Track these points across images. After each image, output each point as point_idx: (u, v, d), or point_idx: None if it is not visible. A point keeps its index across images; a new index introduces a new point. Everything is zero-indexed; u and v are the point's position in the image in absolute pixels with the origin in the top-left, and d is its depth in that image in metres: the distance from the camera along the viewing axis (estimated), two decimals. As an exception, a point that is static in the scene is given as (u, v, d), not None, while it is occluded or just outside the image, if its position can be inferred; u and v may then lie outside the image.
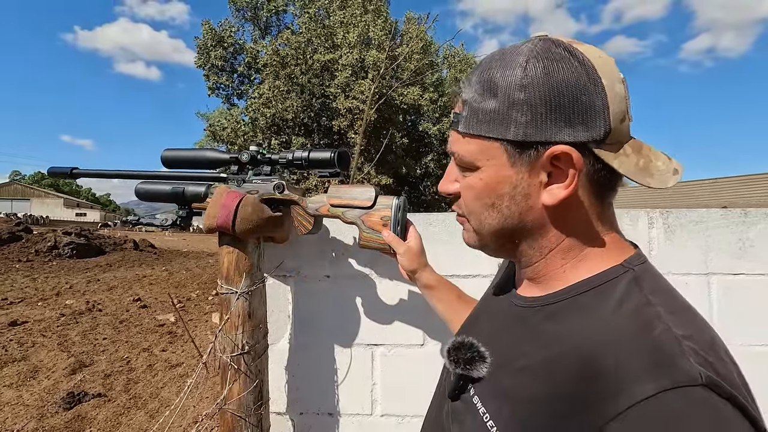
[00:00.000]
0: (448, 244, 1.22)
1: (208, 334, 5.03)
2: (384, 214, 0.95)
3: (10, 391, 3.53)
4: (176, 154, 1.11)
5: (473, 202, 0.56)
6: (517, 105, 0.48)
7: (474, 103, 0.51)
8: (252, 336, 1.04)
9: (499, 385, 0.52)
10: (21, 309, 6.13)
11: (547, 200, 0.50)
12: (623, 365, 0.41)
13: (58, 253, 11.58)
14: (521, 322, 0.55)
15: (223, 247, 1.04)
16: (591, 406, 0.41)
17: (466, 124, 0.52)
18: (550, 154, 0.48)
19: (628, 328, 0.44)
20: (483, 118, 0.51)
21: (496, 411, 0.50)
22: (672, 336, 0.42)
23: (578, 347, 0.45)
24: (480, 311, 0.70)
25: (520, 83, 0.48)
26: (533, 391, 0.47)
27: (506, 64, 0.50)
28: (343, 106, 11.49)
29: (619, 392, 0.40)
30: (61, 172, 1.17)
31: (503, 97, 0.49)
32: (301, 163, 1.01)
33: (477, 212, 0.56)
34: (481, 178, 0.53)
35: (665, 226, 1.18)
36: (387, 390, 1.23)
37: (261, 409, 1.05)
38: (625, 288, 0.49)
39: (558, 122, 0.47)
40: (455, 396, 0.56)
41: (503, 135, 0.50)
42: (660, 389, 0.38)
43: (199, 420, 2.96)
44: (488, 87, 0.50)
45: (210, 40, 13.27)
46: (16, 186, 63.27)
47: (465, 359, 0.55)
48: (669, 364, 0.40)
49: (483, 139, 0.51)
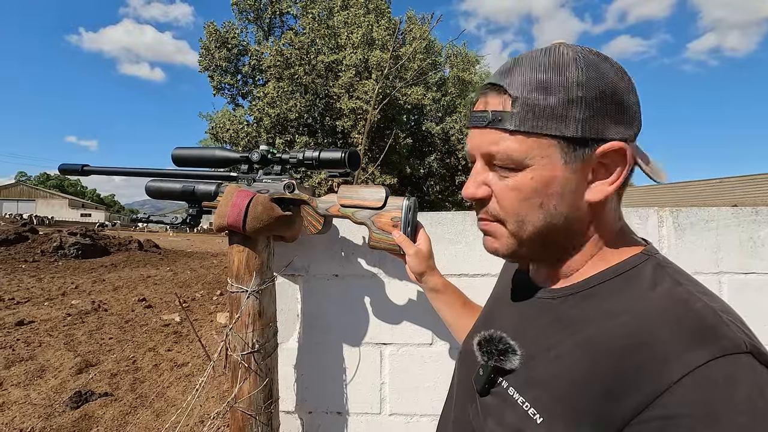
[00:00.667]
0: (456, 243, 1.22)
1: (213, 334, 5.05)
2: (394, 215, 0.95)
3: (17, 390, 3.55)
4: (186, 153, 1.12)
5: (518, 203, 0.53)
6: (575, 102, 0.49)
7: (529, 101, 0.50)
8: (262, 334, 1.04)
9: (534, 374, 0.52)
10: (28, 309, 6.17)
11: (593, 197, 0.52)
12: (670, 338, 0.43)
13: (63, 253, 11.65)
14: (549, 312, 0.56)
15: (233, 245, 1.04)
16: (642, 380, 0.42)
17: (520, 122, 0.50)
18: (604, 150, 0.50)
19: (667, 305, 0.47)
20: (540, 115, 0.50)
21: (536, 399, 0.49)
22: (712, 309, 0.45)
23: (619, 326, 0.47)
24: (493, 309, 0.70)
25: (578, 81, 0.49)
26: (575, 374, 0.47)
27: (558, 64, 0.50)
28: (347, 106, 11.50)
29: (670, 363, 0.41)
30: (73, 169, 1.17)
31: (562, 94, 0.49)
32: (312, 162, 1.01)
33: (520, 214, 0.54)
34: (532, 177, 0.51)
35: (675, 224, 1.18)
36: (395, 389, 1.23)
37: (271, 408, 1.05)
38: (653, 272, 0.51)
39: (609, 120, 0.50)
40: (485, 391, 0.56)
41: (562, 132, 0.49)
42: (712, 357, 0.41)
43: (205, 419, 2.96)
44: (543, 85, 0.50)
45: (214, 42, 13.31)
46: (21, 187, 63.68)
47: (498, 351, 0.55)
48: (716, 334, 0.43)
49: (538, 136, 0.50)
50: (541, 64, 0.51)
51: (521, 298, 0.63)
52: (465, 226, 1.22)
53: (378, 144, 11.72)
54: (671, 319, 0.45)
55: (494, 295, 0.75)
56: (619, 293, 0.51)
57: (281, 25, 14.74)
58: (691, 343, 0.42)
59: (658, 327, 0.45)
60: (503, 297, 0.69)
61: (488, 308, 0.73)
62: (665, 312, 0.46)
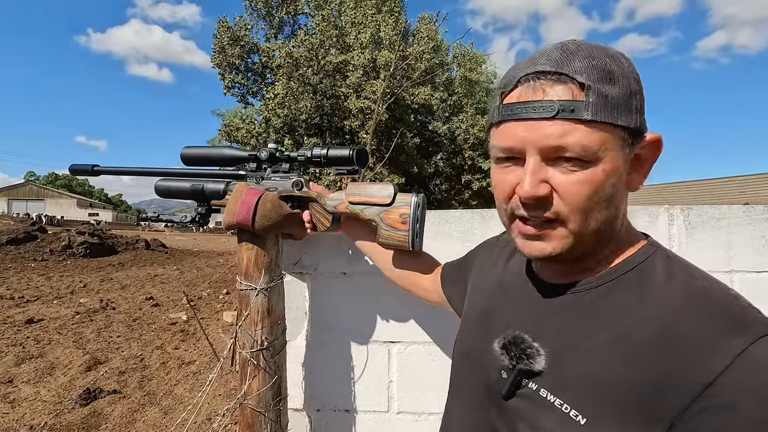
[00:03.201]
0: (464, 242, 1.22)
1: (220, 332, 5.08)
2: (403, 212, 0.95)
3: (28, 387, 3.60)
4: (195, 152, 1.12)
5: (588, 198, 0.50)
6: (635, 94, 0.50)
7: (601, 90, 0.48)
8: (271, 332, 1.04)
9: (566, 373, 0.51)
10: (37, 307, 6.24)
11: (632, 187, 0.54)
12: (706, 328, 0.45)
13: (72, 252, 11.77)
14: (568, 309, 0.55)
15: (242, 243, 1.05)
16: (689, 369, 0.43)
17: (596, 111, 0.47)
18: (648, 141, 0.52)
19: (691, 296, 0.48)
20: (611, 105, 0.48)
21: (575, 399, 0.48)
22: (732, 297, 0.48)
23: (649, 320, 0.48)
24: (493, 306, 0.68)
25: (634, 73, 0.51)
26: (615, 370, 0.47)
27: (611, 55, 0.50)
28: (355, 106, 11.51)
29: (711, 353, 0.43)
30: (83, 169, 1.19)
31: (624, 85, 0.49)
32: (320, 160, 1.02)
33: (589, 209, 0.50)
34: (604, 169, 0.49)
35: (686, 223, 1.17)
36: (403, 387, 1.23)
37: (280, 405, 1.06)
38: (665, 264, 0.53)
39: (643, 113, 0.52)
40: (511, 394, 0.54)
41: (628, 122, 0.49)
42: (750, 341, 0.43)
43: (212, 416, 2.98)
44: (606, 74, 0.48)
45: (227, 38, 13.34)
46: (31, 186, 64.41)
47: (527, 354, 0.54)
48: (747, 320, 0.45)
49: (610, 127, 0.48)
50: (597, 53, 0.49)
51: (530, 294, 0.62)
52: (473, 225, 1.22)
53: (386, 144, 11.72)
54: (701, 311, 0.46)
55: (486, 289, 0.72)
56: (638, 286, 0.52)
57: (292, 23, 14.76)
58: (726, 331, 0.44)
59: (689, 320, 0.46)
60: (503, 292, 0.67)
61: (485, 304, 0.70)
62: (692, 304, 0.47)
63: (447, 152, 14.60)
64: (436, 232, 1.22)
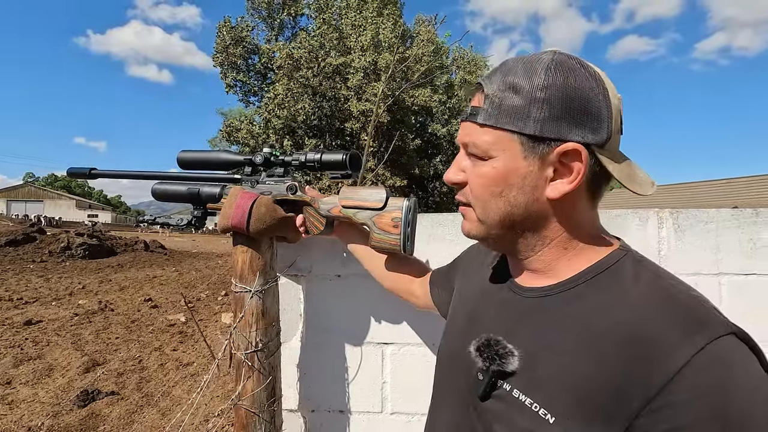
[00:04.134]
0: (456, 244, 1.23)
1: (218, 334, 5.09)
2: (395, 216, 0.96)
3: (26, 389, 3.60)
4: (192, 156, 1.14)
5: (482, 190, 0.59)
6: (537, 103, 0.53)
7: (496, 99, 0.55)
8: (265, 334, 1.06)
9: (538, 374, 0.53)
10: (35, 308, 6.24)
11: (551, 194, 0.55)
12: (666, 329, 0.47)
13: (71, 253, 11.78)
14: (539, 312, 0.57)
15: (237, 246, 1.06)
16: (648, 370, 0.45)
17: (487, 116, 0.56)
18: (561, 150, 0.53)
19: (655, 298, 0.50)
20: (504, 112, 0.54)
21: (545, 399, 0.50)
22: (695, 299, 0.50)
23: (617, 321, 0.50)
24: (476, 309, 0.70)
25: (542, 85, 0.53)
26: (582, 370, 0.49)
27: (529, 69, 0.54)
28: (356, 108, 11.53)
29: (671, 352, 0.45)
30: (80, 173, 1.20)
31: (526, 95, 0.53)
32: (314, 165, 1.03)
33: (484, 200, 0.59)
34: (494, 167, 0.56)
35: (675, 226, 1.18)
36: (397, 388, 1.24)
37: (274, 406, 1.07)
38: (633, 267, 0.55)
39: (570, 123, 0.53)
40: (487, 395, 0.56)
41: (521, 129, 0.54)
42: (707, 341, 0.45)
43: (210, 418, 2.98)
44: (512, 86, 0.55)
45: (229, 38, 13.37)
46: (29, 188, 64.36)
47: (499, 355, 0.56)
48: (705, 321, 0.47)
49: (501, 130, 0.55)
50: (517, 68, 0.56)
51: (505, 298, 0.64)
52: (466, 228, 1.23)
53: (386, 146, 11.75)
54: (663, 313, 0.48)
55: (470, 294, 0.75)
56: (607, 289, 0.54)
57: (293, 26, 14.80)
58: (686, 332, 0.46)
59: (652, 321, 0.48)
60: (483, 297, 0.70)
61: (470, 306, 0.72)
62: (655, 306, 0.49)
63: (446, 155, 14.63)
64: (429, 236, 1.24)
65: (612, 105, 0.54)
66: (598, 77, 0.54)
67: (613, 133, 0.54)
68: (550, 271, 0.59)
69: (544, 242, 0.59)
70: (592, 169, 0.54)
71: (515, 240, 0.60)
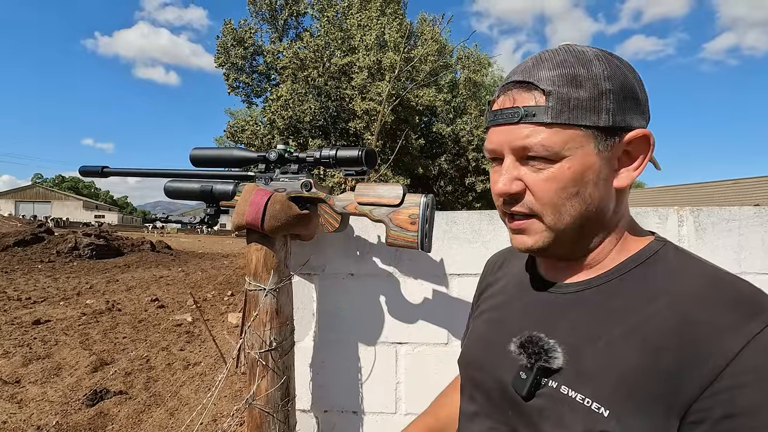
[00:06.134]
0: (472, 243, 1.21)
1: (225, 334, 5.09)
2: (412, 212, 0.95)
3: (35, 388, 3.62)
4: (204, 153, 1.13)
5: (556, 194, 0.54)
6: (606, 94, 0.52)
7: (562, 95, 0.52)
8: (279, 333, 1.04)
9: (584, 368, 0.51)
10: (44, 308, 6.28)
11: (620, 183, 0.55)
12: (720, 311, 0.46)
13: (78, 253, 11.85)
14: (580, 305, 0.56)
15: (251, 244, 1.05)
16: (702, 356, 0.44)
17: (554, 115, 0.52)
18: (630, 138, 0.53)
19: (704, 283, 0.49)
20: (574, 107, 0.52)
21: (595, 393, 0.49)
22: (745, 283, 0.49)
23: (664, 307, 0.49)
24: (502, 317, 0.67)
25: (606, 75, 0.52)
26: (632, 361, 0.48)
27: (583, 60, 0.53)
28: (360, 108, 11.53)
29: (727, 336, 0.44)
30: (93, 171, 1.19)
31: (592, 87, 0.52)
32: (329, 161, 1.02)
33: (558, 204, 0.54)
34: (569, 166, 0.53)
35: (696, 224, 1.16)
36: (411, 389, 1.23)
37: (288, 406, 1.06)
38: (676, 255, 0.55)
39: (631, 110, 0.53)
40: (531, 394, 0.54)
41: (595, 122, 0.52)
42: (765, 324, 0.44)
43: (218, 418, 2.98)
44: (572, 79, 0.52)
45: (231, 39, 13.44)
46: (38, 189, 64.94)
47: (545, 350, 0.54)
48: (760, 304, 0.46)
49: (573, 127, 0.52)
50: (567, 61, 0.54)
51: (539, 297, 0.62)
52: (481, 226, 1.21)
53: (391, 145, 11.74)
54: (714, 296, 0.47)
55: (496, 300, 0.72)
56: (651, 277, 0.53)
57: (296, 26, 14.84)
58: (741, 315, 0.45)
59: (703, 305, 0.47)
60: (513, 300, 0.67)
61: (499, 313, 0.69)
62: (705, 290, 0.48)
63: (451, 154, 14.60)
64: (444, 233, 1.22)
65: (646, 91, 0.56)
66: (628, 65, 0.56)
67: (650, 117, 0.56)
68: (597, 263, 0.58)
69: (604, 236, 0.58)
70: None
71: (581, 241, 0.58)
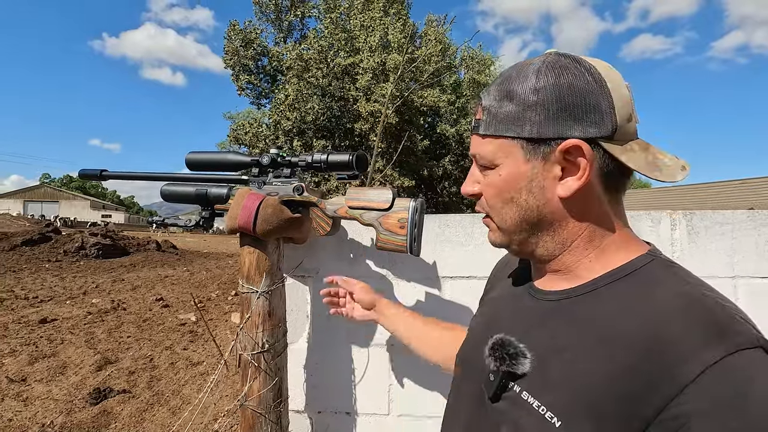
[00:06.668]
0: (464, 245, 1.22)
1: (228, 333, 5.12)
2: (401, 216, 0.96)
3: (40, 386, 3.66)
4: (200, 157, 1.15)
5: (494, 198, 0.60)
6: (531, 106, 0.54)
7: (493, 109, 0.57)
8: (272, 334, 1.06)
9: (548, 376, 0.52)
10: (50, 307, 6.35)
11: (561, 192, 0.55)
12: (686, 336, 0.45)
13: (85, 253, 11.96)
14: (558, 314, 0.56)
15: (244, 247, 1.06)
16: (662, 378, 0.43)
17: (486, 127, 0.58)
18: (562, 148, 0.53)
19: (679, 304, 0.48)
20: (501, 120, 0.56)
21: (552, 402, 0.49)
22: (722, 307, 0.47)
23: (634, 326, 0.48)
24: (497, 313, 0.70)
25: (534, 87, 0.54)
26: (592, 376, 0.48)
27: (521, 74, 0.56)
28: (365, 109, 11.53)
29: (687, 361, 0.43)
30: (92, 174, 1.21)
31: (518, 100, 0.55)
32: (320, 165, 1.03)
33: (498, 208, 0.60)
34: (500, 174, 0.58)
35: (689, 227, 1.16)
36: (404, 390, 1.24)
37: (280, 407, 1.07)
38: (661, 272, 0.53)
39: (568, 120, 0.53)
40: (497, 397, 0.56)
41: (519, 133, 0.55)
42: (727, 352, 0.42)
43: (219, 417, 3.00)
44: (506, 94, 0.56)
45: (239, 40, 13.51)
46: (46, 188, 65.60)
47: (510, 355, 0.55)
48: (729, 331, 0.44)
49: (501, 138, 0.57)
50: (511, 77, 0.57)
51: (525, 301, 0.63)
52: (474, 229, 1.22)
53: (395, 146, 11.74)
54: (685, 318, 0.46)
55: (492, 299, 0.75)
56: (629, 293, 0.52)
57: (301, 27, 14.89)
58: (706, 340, 0.44)
59: (672, 326, 0.46)
60: (504, 301, 0.69)
61: (490, 312, 0.72)
62: (678, 311, 0.47)
63: (455, 155, 14.58)
64: (437, 236, 1.23)
65: (614, 95, 0.52)
66: (594, 70, 0.53)
67: (621, 122, 0.53)
68: (571, 273, 0.58)
69: (564, 244, 0.58)
70: (603, 163, 0.53)
71: (536, 244, 0.60)
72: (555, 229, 0.58)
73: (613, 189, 0.56)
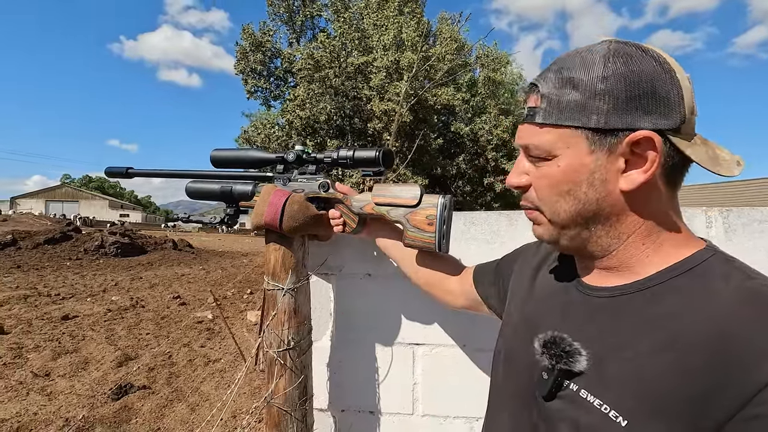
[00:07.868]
0: (490, 243, 1.20)
1: (244, 331, 5.17)
2: (429, 213, 0.94)
3: (63, 381, 3.75)
4: (224, 154, 1.15)
5: (548, 190, 0.57)
6: (598, 95, 0.51)
7: (553, 97, 0.54)
8: (297, 332, 1.05)
9: (607, 375, 0.50)
10: (72, 304, 6.50)
11: (625, 185, 0.53)
12: (756, 332, 0.43)
13: (104, 251, 12.22)
14: (612, 311, 0.54)
15: (269, 244, 1.06)
16: (737, 376, 0.42)
17: (545, 115, 0.55)
18: (631, 140, 0.51)
19: (748, 299, 0.46)
20: (563, 109, 0.53)
21: (616, 401, 0.48)
22: None
23: (701, 323, 0.46)
24: (535, 311, 0.67)
25: (601, 75, 0.51)
26: (659, 374, 0.46)
27: (585, 62, 0.53)
28: (378, 108, 11.52)
29: (763, 358, 0.41)
30: (118, 172, 1.22)
31: (584, 89, 0.52)
32: (346, 161, 1.02)
33: (552, 200, 0.57)
34: (559, 165, 0.55)
35: (725, 225, 1.12)
36: (428, 390, 1.22)
37: (306, 405, 1.06)
38: (723, 267, 0.51)
39: (638, 110, 0.50)
40: (552, 395, 0.54)
41: (585, 123, 0.52)
42: None
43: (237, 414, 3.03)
44: (568, 81, 0.53)
45: (250, 45, 13.68)
46: (66, 188, 67.20)
47: (566, 352, 0.53)
48: None
49: (563, 128, 0.54)
50: (572, 62, 0.55)
51: (573, 297, 0.61)
52: (500, 227, 1.20)
53: (409, 145, 11.71)
54: (756, 314, 0.44)
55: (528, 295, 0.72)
56: (691, 289, 0.50)
57: (312, 27, 14.98)
58: None
59: (742, 323, 0.44)
60: (544, 298, 0.67)
61: (528, 309, 0.70)
62: (745, 306, 0.45)
63: (469, 153, 14.48)
64: (462, 234, 1.21)
65: (682, 86, 0.51)
66: (662, 59, 0.52)
67: (687, 115, 0.51)
68: (627, 269, 0.56)
69: (621, 238, 0.56)
70: (668, 156, 0.51)
71: (589, 239, 0.57)
72: (612, 223, 0.55)
73: (673, 183, 0.54)
